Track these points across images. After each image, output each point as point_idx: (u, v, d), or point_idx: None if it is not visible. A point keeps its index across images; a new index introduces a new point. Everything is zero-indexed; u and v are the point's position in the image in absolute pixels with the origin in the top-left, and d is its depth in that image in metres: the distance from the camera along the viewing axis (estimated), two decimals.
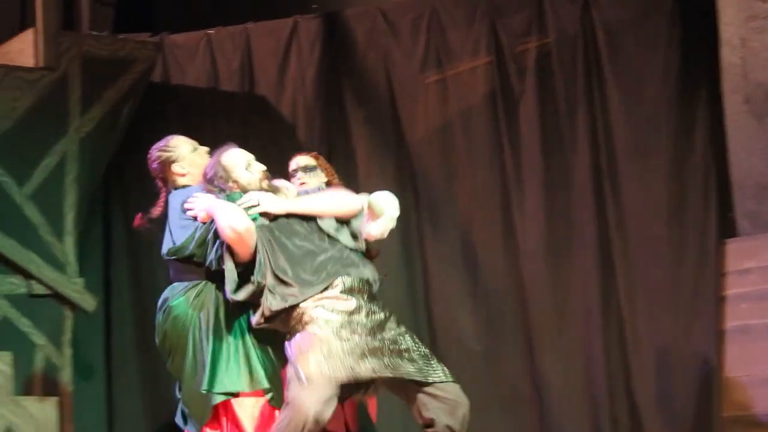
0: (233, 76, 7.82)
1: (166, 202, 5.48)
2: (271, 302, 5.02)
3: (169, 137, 5.56)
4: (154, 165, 5.52)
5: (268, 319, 5.09)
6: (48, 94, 7.05)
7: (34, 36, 7.06)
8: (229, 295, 5.08)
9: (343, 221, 5.27)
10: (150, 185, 7.92)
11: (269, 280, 5.06)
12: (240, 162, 5.32)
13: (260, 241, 5.10)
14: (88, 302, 6.98)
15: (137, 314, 7.80)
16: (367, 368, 4.92)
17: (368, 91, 7.57)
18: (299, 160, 6.00)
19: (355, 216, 5.32)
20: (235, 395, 5.16)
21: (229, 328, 5.22)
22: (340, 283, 5.05)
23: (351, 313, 5.00)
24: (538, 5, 7.20)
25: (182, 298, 5.29)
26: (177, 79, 7.93)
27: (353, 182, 7.53)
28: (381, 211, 5.65)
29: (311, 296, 5.02)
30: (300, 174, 5.93)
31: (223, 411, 5.19)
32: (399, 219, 7.33)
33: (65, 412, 6.82)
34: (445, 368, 5.02)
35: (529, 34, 7.22)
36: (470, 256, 7.27)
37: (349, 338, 4.94)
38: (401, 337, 5.02)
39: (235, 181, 5.27)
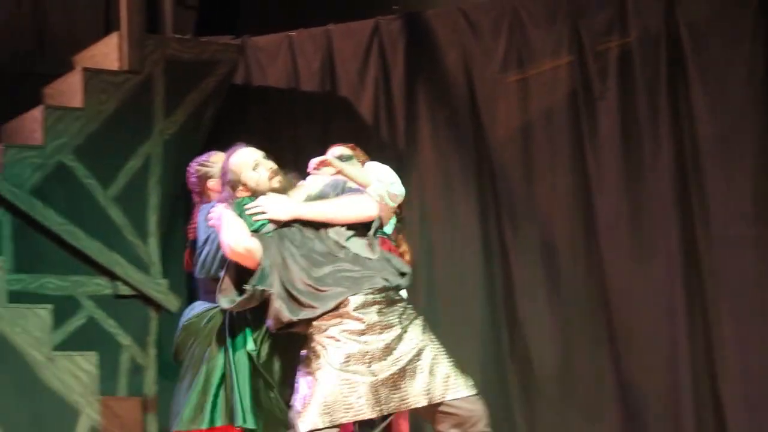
0: (314, 78, 7.84)
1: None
2: (284, 312, 4.83)
3: (211, 152, 5.49)
4: (192, 179, 5.46)
5: (285, 326, 4.90)
6: (132, 97, 7.13)
7: (119, 40, 7.15)
8: (223, 305, 4.90)
9: (357, 230, 4.99)
10: None
11: (277, 289, 4.85)
12: (247, 162, 5.08)
13: (267, 250, 4.90)
14: (172, 303, 7.03)
15: None
16: (374, 409, 4.73)
17: (449, 92, 7.53)
18: (335, 150, 5.88)
19: (371, 224, 5.01)
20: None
21: (228, 359, 5.05)
22: (352, 301, 4.81)
23: (363, 333, 4.78)
24: (621, 4, 7.09)
25: (196, 319, 5.23)
26: (258, 81, 7.98)
27: (434, 182, 7.55)
28: (366, 181, 5.43)
29: (322, 314, 4.81)
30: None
31: None
32: (480, 220, 7.39)
33: (149, 412, 6.90)
34: (468, 380, 4.78)
35: (611, 33, 7.12)
36: (551, 256, 7.21)
37: (356, 372, 4.73)
38: (421, 351, 4.77)
39: (244, 184, 5.06)
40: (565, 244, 7.19)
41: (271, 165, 5.12)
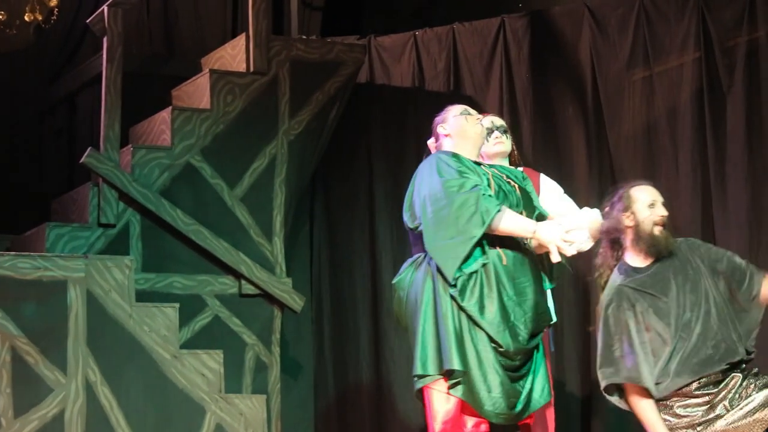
0: (439, 77, 7.82)
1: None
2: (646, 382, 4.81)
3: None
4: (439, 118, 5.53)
5: None
6: (258, 98, 7.19)
7: (245, 41, 7.22)
8: None
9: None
10: (351, 186, 7.97)
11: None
12: (644, 199, 5.19)
13: None
14: (296, 302, 7.06)
15: (334, 314, 7.88)
16: None
17: (574, 90, 7.43)
18: (495, 120, 5.82)
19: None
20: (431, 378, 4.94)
21: (437, 306, 4.96)
22: (696, 383, 4.77)
23: (708, 403, 4.72)
24: None
25: (403, 275, 5.14)
26: (382, 81, 7.98)
27: (562, 181, 7.46)
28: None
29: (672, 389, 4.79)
30: (497, 133, 5.81)
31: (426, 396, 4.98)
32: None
33: (274, 410, 6.93)
34: None
35: (740, 28, 6.95)
36: None
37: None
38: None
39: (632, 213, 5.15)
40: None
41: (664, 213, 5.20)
